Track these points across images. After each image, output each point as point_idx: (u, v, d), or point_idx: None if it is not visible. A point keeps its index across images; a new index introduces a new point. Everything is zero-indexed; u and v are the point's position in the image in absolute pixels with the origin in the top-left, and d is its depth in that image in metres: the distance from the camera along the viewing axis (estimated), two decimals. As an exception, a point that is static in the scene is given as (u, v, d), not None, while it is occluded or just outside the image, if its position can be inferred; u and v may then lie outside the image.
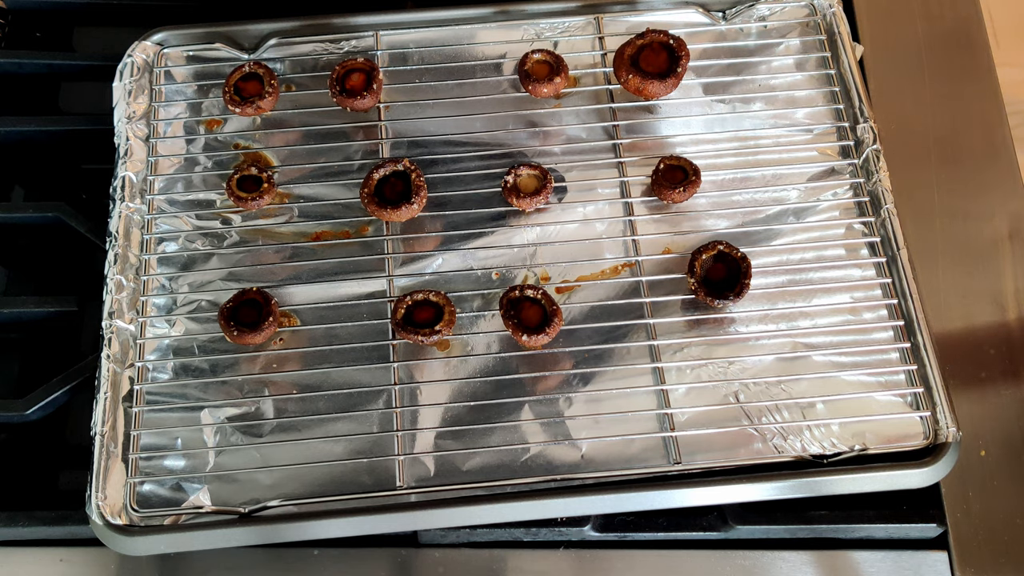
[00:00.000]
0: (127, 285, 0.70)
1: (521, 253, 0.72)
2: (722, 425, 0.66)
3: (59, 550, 0.66)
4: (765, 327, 0.69)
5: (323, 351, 0.69)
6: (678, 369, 0.68)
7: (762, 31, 0.80)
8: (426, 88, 0.78)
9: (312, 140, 0.76)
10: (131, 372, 0.68)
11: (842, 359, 0.68)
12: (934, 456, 0.64)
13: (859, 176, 0.74)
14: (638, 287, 0.70)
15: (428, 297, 0.68)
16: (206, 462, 0.65)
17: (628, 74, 0.74)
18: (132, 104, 0.76)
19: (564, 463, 0.65)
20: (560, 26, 0.80)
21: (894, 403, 0.67)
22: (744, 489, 0.63)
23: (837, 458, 0.65)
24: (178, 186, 0.75)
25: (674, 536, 0.66)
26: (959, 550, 0.65)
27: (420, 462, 0.65)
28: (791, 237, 0.72)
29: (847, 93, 0.76)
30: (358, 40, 0.80)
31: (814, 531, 0.66)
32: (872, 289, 0.70)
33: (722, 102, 0.77)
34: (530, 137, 0.76)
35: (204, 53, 0.80)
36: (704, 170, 0.73)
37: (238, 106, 0.75)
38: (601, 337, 0.69)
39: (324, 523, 0.63)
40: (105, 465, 0.64)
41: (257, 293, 0.69)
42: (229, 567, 0.65)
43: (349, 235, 0.73)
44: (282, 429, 0.66)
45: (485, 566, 0.65)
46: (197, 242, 0.73)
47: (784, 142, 0.76)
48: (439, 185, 0.74)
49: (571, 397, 0.67)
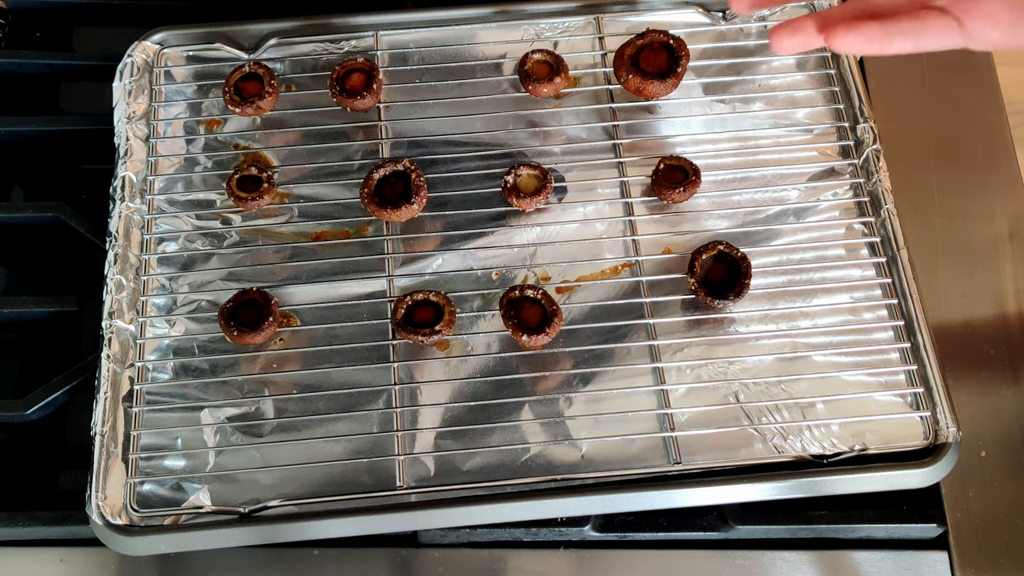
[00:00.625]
0: (127, 285, 0.70)
1: (521, 253, 0.72)
2: (722, 425, 0.66)
3: (59, 550, 0.66)
4: (765, 327, 0.69)
5: (323, 351, 0.69)
6: (678, 369, 0.68)
7: (762, 31, 0.80)
8: (426, 88, 0.78)
9: (312, 140, 0.76)
10: (131, 372, 0.68)
11: (842, 359, 0.68)
12: (934, 456, 0.64)
13: (859, 176, 0.74)
14: (638, 287, 0.70)
15: (428, 297, 0.68)
16: (206, 462, 0.65)
17: (628, 74, 0.74)
18: (132, 104, 0.76)
19: (564, 463, 0.65)
20: (560, 26, 0.80)
21: (894, 403, 0.67)
22: (744, 489, 0.63)
23: (837, 458, 0.65)
24: (178, 186, 0.75)
25: (674, 536, 0.66)
26: (959, 550, 0.65)
27: (420, 462, 0.65)
28: (791, 237, 0.72)
29: (847, 93, 0.76)
30: (358, 40, 0.80)
31: (814, 531, 0.66)
32: (872, 289, 0.70)
33: (722, 102, 0.77)
34: (530, 137, 0.76)
35: (204, 53, 0.80)
36: (704, 170, 0.73)
37: (238, 106, 0.75)
38: (601, 337, 0.69)
39: (324, 523, 0.63)
40: (105, 465, 0.64)
41: (257, 293, 0.69)
42: (229, 567, 0.65)
43: (349, 235, 0.73)
44: (282, 429, 0.66)
45: (485, 566, 0.65)
46: (197, 242, 0.73)
47: (784, 142, 0.76)
48: (439, 185, 0.74)
49: (571, 397, 0.67)
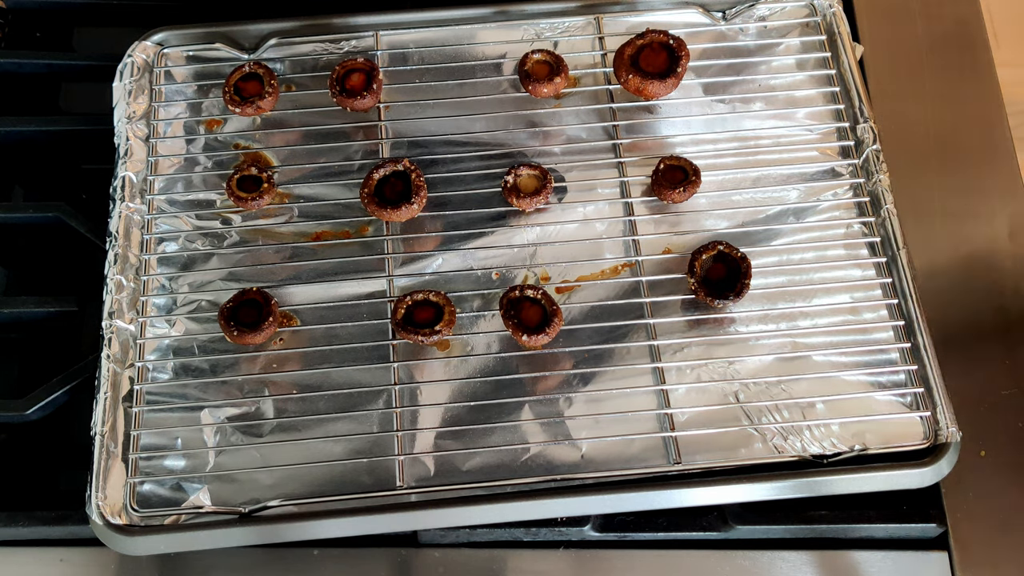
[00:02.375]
0: (127, 285, 0.70)
1: (521, 253, 0.72)
2: (722, 425, 0.66)
3: (59, 550, 0.66)
4: (765, 327, 0.69)
5: (323, 351, 0.69)
6: (678, 369, 0.68)
7: (762, 31, 0.80)
8: (426, 88, 0.78)
9: (312, 140, 0.76)
10: (131, 372, 0.68)
11: (842, 359, 0.68)
12: (934, 456, 0.64)
13: (859, 176, 0.74)
14: (638, 287, 0.70)
15: (428, 297, 0.68)
16: (206, 462, 0.65)
17: (628, 74, 0.74)
18: (132, 104, 0.76)
19: (564, 463, 0.65)
20: (560, 26, 0.80)
21: (894, 403, 0.67)
22: (744, 489, 0.63)
23: (837, 458, 0.65)
24: (178, 186, 0.75)
25: (674, 536, 0.66)
26: (959, 550, 0.65)
27: (420, 462, 0.65)
28: (791, 237, 0.72)
29: (847, 93, 0.76)
30: (358, 40, 0.80)
31: (814, 531, 0.66)
32: (872, 289, 0.70)
33: (722, 102, 0.77)
34: (530, 137, 0.76)
35: (204, 53, 0.80)
36: (704, 170, 0.73)
37: (238, 106, 0.75)
38: (601, 337, 0.69)
39: (324, 523, 0.63)
40: (105, 465, 0.64)
41: (257, 293, 0.69)
42: (229, 567, 0.65)
43: (349, 235, 0.73)
44: (282, 429, 0.66)
45: (485, 566, 0.65)
46: (197, 242, 0.73)
47: (784, 142, 0.75)
48: (439, 185, 0.74)
49: (571, 397, 0.67)
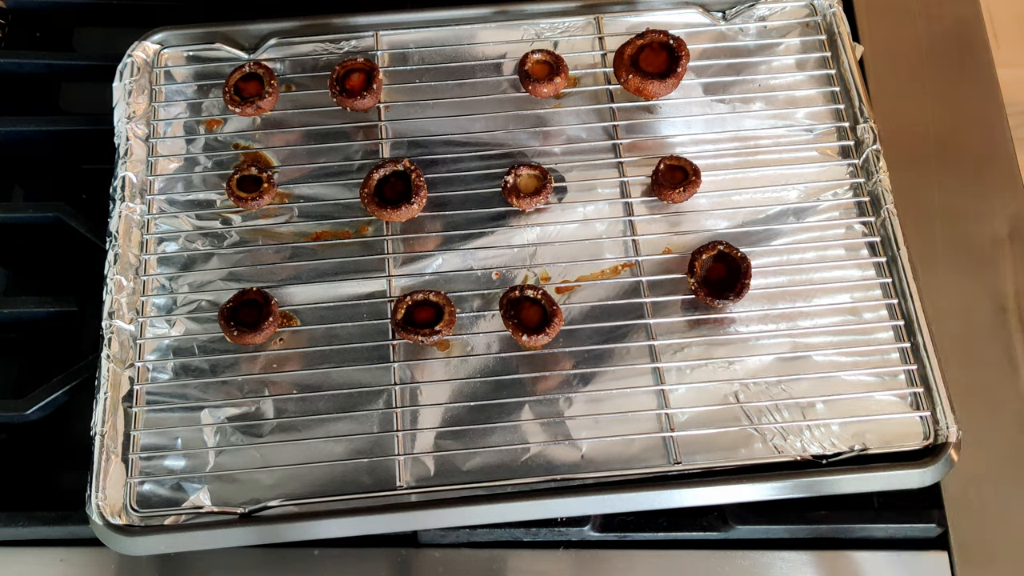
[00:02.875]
0: (127, 285, 0.70)
1: (521, 253, 0.72)
2: (722, 425, 0.66)
3: (59, 550, 0.66)
4: (765, 327, 0.69)
5: (323, 351, 0.69)
6: (678, 369, 0.68)
7: (762, 31, 0.80)
8: (426, 88, 0.78)
9: (312, 140, 0.76)
10: (131, 372, 0.68)
11: (842, 359, 0.68)
12: (934, 456, 0.64)
13: (859, 176, 0.74)
14: (638, 287, 0.70)
15: (428, 297, 0.68)
16: (206, 462, 0.65)
17: (628, 74, 0.74)
18: (132, 104, 0.76)
19: (564, 463, 0.65)
20: (560, 26, 0.80)
21: (894, 403, 0.67)
22: (744, 489, 0.63)
23: (837, 458, 0.64)
24: (178, 186, 0.75)
25: (674, 536, 0.66)
26: (959, 550, 0.65)
27: (420, 462, 0.65)
28: (791, 237, 0.72)
29: (847, 93, 0.76)
30: (358, 40, 0.80)
31: (814, 531, 0.66)
32: (872, 289, 0.70)
33: (722, 102, 0.77)
34: (530, 137, 0.76)
35: (204, 53, 0.80)
36: (704, 170, 0.73)
37: (238, 106, 0.75)
38: (601, 337, 0.69)
39: (324, 523, 0.63)
40: (105, 465, 0.64)
41: (257, 293, 0.69)
42: (229, 567, 0.65)
43: (349, 235, 0.73)
44: (282, 429, 0.66)
45: (485, 566, 0.65)
46: (197, 242, 0.73)
47: (784, 142, 0.75)
48: (439, 185, 0.74)
49: (571, 397, 0.67)
